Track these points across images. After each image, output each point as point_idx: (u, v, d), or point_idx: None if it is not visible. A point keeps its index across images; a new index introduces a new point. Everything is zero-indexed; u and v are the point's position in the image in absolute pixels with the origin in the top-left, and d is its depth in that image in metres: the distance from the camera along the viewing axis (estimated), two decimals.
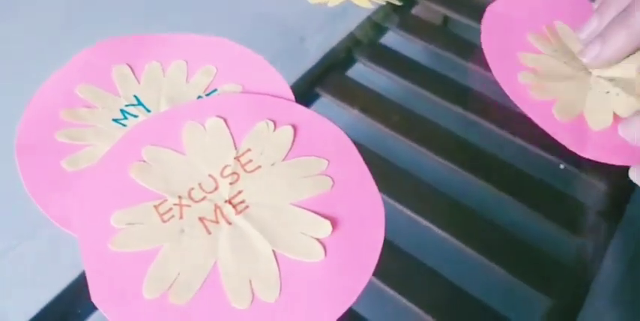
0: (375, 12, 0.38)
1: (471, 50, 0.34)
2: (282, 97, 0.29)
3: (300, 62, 0.34)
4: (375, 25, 0.38)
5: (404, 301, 0.25)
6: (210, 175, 0.25)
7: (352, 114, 0.33)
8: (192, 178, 0.25)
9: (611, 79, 0.29)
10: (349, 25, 0.36)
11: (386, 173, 0.30)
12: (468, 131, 0.32)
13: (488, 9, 0.33)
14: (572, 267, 0.28)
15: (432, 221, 0.28)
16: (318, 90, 0.34)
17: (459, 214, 0.30)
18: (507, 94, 0.29)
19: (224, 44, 0.31)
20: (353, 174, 0.26)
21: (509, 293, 0.28)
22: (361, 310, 0.24)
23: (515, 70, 0.30)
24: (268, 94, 0.29)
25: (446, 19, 0.52)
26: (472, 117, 0.32)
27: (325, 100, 0.34)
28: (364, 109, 0.33)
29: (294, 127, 0.27)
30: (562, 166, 0.29)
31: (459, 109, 0.33)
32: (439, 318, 0.25)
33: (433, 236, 0.28)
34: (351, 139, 0.27)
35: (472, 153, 0.31)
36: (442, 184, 0.30)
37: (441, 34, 0.44)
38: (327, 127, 0.27)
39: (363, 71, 0.37)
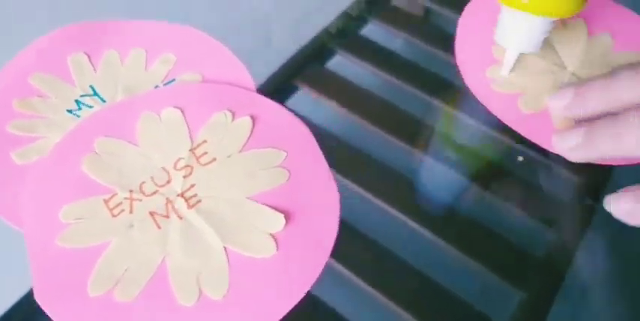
0: (354, 4, 0.36)
1: (452, 43, 0.33)
2: (243, 87, 0.28)
3: (277, 55, 0.33)
4: (353, 17, 0.37)
5: (371, 290, 0.25)
6: (163, 168, 0.25)
7: (330, 106, 0.32)
8: (144, 171, 0.24)
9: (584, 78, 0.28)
10: (328, 17, 0.35)
11: (358, 164, 0.29)
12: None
13: (466, 9, 0.31)
14: (545, 260, 0.27)
15: (403, 212, 0.27)
16: (296, 82, 0.34)
17: (430, 207, 0.29)
18: (469, 88, 0.28)
19: (187, 32, 0.30)
20: (310, 166, 0.25)
21: (481, 284, 0.27)
22: (326, 298, 0.23)
23: (486, 64, 0.29)
24: (229, 84, 0.28)
25: (427, 10, 0.51)
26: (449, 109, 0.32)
27: (303, 92, 0.33)
28: (342, 102, 0.33)
29: (254, 118, 0.26)
30: (520, 159, 0.28)
31: (437, 102, 0.32)
32: (404, 305, 0.24)
33: (404, 228, 0.28)
34: (329, 132, 0.26)
35: (451, 146, 0.30)
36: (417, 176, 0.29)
37: (421, 26, 0.43)
38: (287, 118, 0.27)
39: (342, 63, 0.36)
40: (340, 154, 0.29)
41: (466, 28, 0.31)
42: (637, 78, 0.23)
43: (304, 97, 0.33)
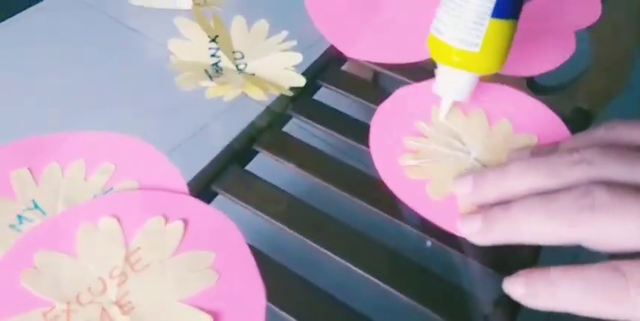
0: (275, 101, 0.40)
1: None
2: (176, 191, 0.30)
3: (201, 154, 0.36)
4: (275, 114, 0.41)
5: None
6: (99, 278, 0.26)
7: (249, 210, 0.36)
8: (81, 281, 0.26)
9: (485, 165, 0.31)
10: (249, 114, 0.38)
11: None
12: None
13: (380, 106, 0.35)
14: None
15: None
16: (214, 187, 0.37)
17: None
18: (381, 176, 0.31)
19: (123, 140, 0.32)
20: (239, 266, 0.27)
21: None
22: None
23: (398, 153, 0.32)
24: (163, 189, 0.30)
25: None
26: None
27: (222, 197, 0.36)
28: (260, 206, 0.36)
29: (186, 221, 0.28)
30: (429, 244, 0.31)
31: None
32: None
33: None
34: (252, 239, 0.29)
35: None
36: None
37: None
38: (218, 219, 0.29)
39: (263, 164, 0.39)
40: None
41: (380, 121, 0.34)
42: (525, 170, 0.26)
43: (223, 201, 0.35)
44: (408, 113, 0.34)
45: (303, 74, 0.38)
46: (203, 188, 0.39)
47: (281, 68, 0.38)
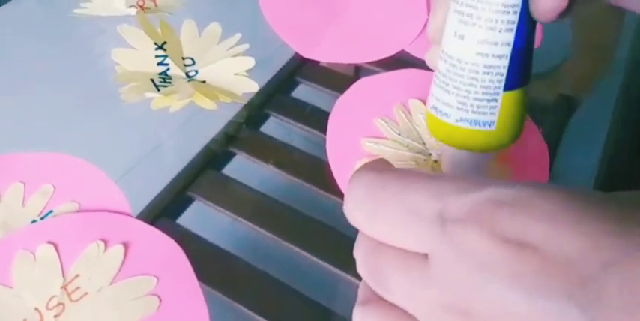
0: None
1: None
2: (119, 212, 0.29)
3: (158, 171, 0.35)
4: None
5: None
6: (36, 309, 0.25)
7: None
8: (17, 313, 0.25)
9: None
10: (203, 126, 0.37)
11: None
12: None
13: (339, 100, 0.33)
14: None
15: None
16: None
17: None
18: (338, 183, 0.30)
19: (64, 161, 0.31)
20: (182, 290, 0.26)
21: None
22: None
23: (356, 158, 0.31)
24: (105, 211, 0.29)
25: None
26: None
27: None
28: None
29: (127, 245, 0.27)
30: None
31: None
32: None
33: None
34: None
35: None
36: None
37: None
38: (161, 241, 0.28)
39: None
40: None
41: (336, 124, 0.33)
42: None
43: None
44: (369, 109, 0.33)
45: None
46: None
47: (232, 74, 0.37)
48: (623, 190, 0.18)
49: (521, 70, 0.22)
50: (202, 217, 0.35)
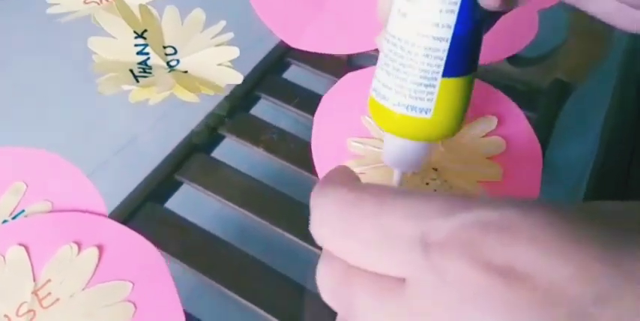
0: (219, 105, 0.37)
1: None
2: (93, 212, 0.28)
3: (136, 165, 0.33)
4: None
5: None
6: (5, 316, 0.24)
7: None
8: None
9: (435, 169, 0.29)
10: (182, 119, 0.35)
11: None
12: None
13: (324, 97, 0.32)
14: None
15: None
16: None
17: None
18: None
19: (38, 156, 0.30)
20: (158, 295, 0.25)
21: None
22: None
23: (343, 159, 0.30)
24: (78, 210, 0.28)
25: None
26: None
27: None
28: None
29: (101, 247, 0.26)
30: None
31: None
32: None
33: None
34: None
35: None
36: None
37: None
38: (137, 242, 0.27)
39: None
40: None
41: (321, 124, 0.31)
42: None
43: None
44: (355, 106, 0.31)
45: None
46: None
47: (215, 64, 0.35)
48: (619, 178, 0.17)
49: (463, 57, 0.21)
50: (191, 201, 0.34)
